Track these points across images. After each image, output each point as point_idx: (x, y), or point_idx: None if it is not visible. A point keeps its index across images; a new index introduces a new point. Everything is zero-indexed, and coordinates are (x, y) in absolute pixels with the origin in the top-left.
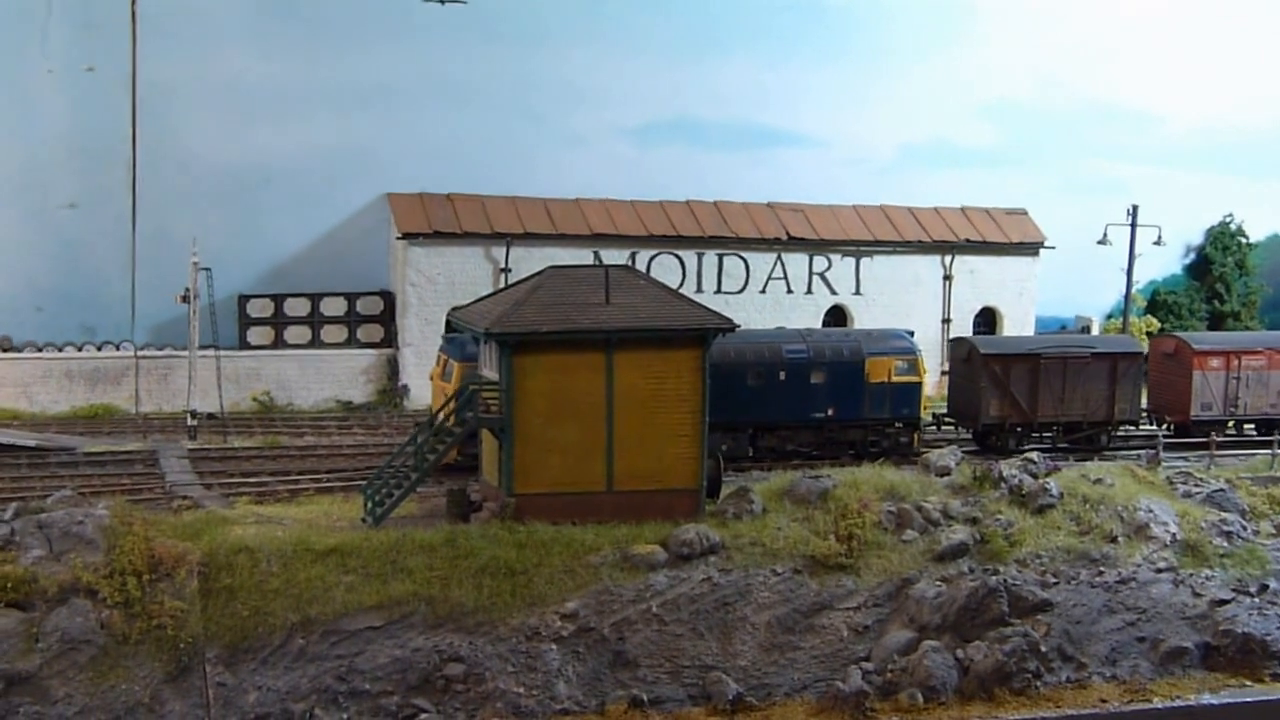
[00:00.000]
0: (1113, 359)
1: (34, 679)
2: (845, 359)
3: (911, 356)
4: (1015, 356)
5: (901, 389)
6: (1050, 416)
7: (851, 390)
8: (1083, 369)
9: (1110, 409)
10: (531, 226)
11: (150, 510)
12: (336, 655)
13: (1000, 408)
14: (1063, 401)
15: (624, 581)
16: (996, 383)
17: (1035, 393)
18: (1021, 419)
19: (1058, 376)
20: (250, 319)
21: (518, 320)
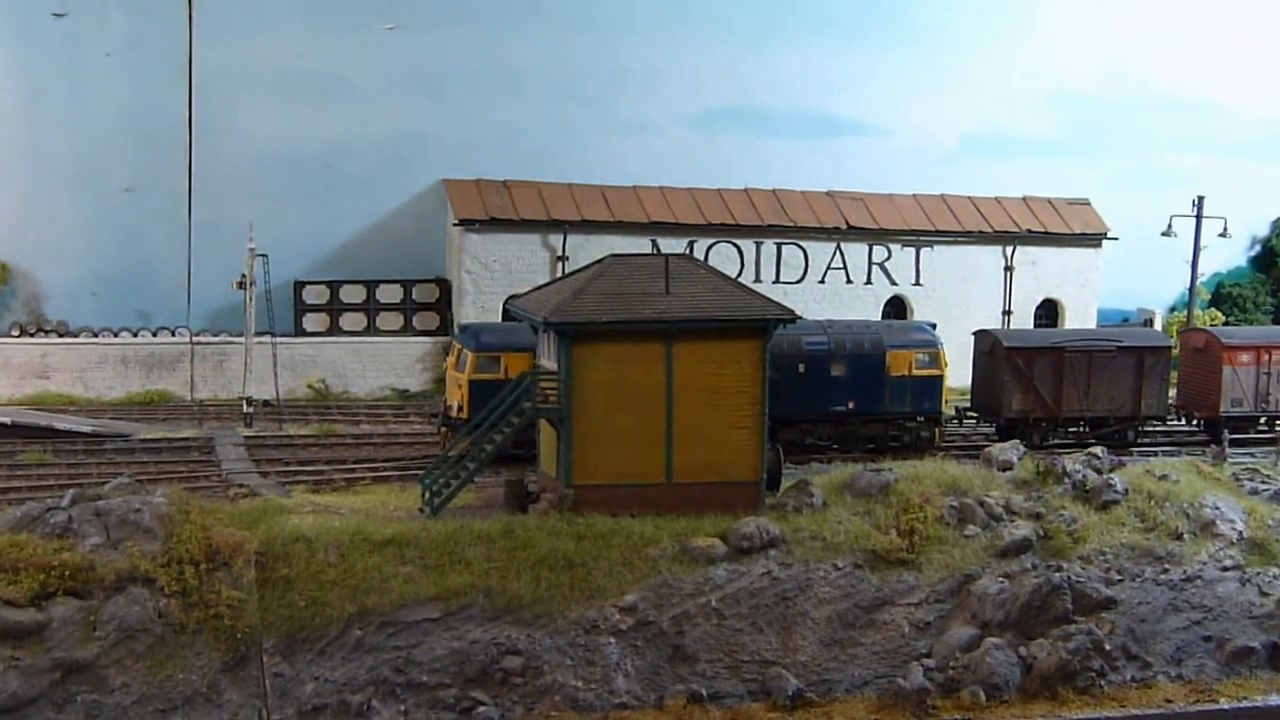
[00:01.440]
0: (1139, 353)
1: (92, 667)
2: (866, 351)
3: (933, 349)
4: (1039, 350)
5: (923, 382)
6: (1075, 411)
7: (872, 383)
8: (1108, 363)
9: (1137, 404)
10: (589, 214)
11: (207, 498)
12: (394, 647)
13: (1023, 402)
14: (1087, 396)
15: (683, 575)
16: (1020, 376)
17: (1059, 387)
18: (1045, 413)
19: (1082, 371)
20: (306, 305)
21: (577, 309)
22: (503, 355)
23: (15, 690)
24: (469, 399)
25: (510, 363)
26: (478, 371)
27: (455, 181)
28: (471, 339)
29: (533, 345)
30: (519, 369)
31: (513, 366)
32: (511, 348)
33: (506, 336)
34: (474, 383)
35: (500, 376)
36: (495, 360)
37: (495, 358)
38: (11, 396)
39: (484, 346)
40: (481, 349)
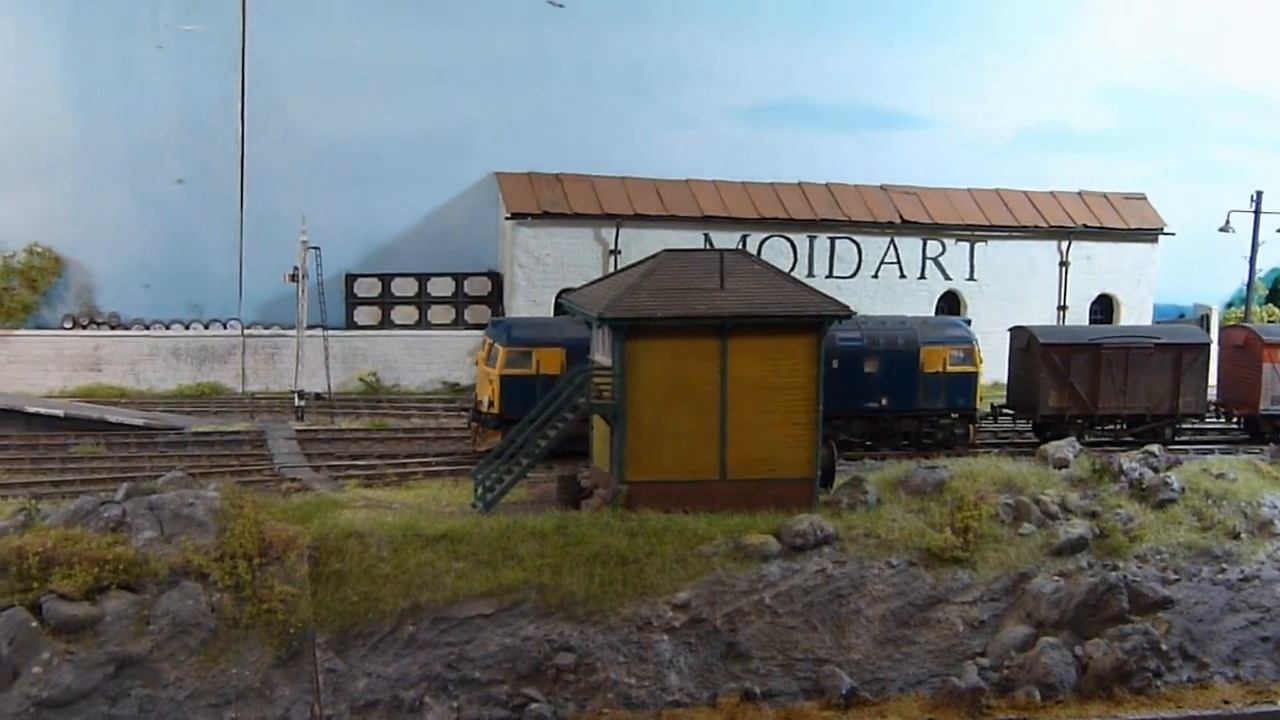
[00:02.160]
0: (1177, 350)
1: (145, 661)
2: (900, 348)
3: (968, 345)
4: (1075, 346)
5: (957, 379)
6: (1112, 409)
7: (906, 380)
8: (1146, 360)
9: (1174, 402)
10: (641, 208)
11: (259, 492)
12: (447, 643)
13: (1059, 399)
14: (1124, 393)
15: (736, 572)
16: (1056, 373)
17: (1096, 384)
18: (1081, 411)
19: (1119, 368)
20: (357, 298)
21: (631, 305)
22: (534, 350)
23: (69, 684)
24: (500, 394)
25: (542, 358)
26: (509, 366)
27: (507, 174)
28: (503, 333)
29: (564, 340)
30: (550, 364)
31: (544, 362)
32: (543, 342)
33: (538, 331)
34: (505, 378)
35: (531, 372)
36: (527, 355)
37: (526, 353)
38: (64, 389)
39: (515, 341)
40: (513, 343)
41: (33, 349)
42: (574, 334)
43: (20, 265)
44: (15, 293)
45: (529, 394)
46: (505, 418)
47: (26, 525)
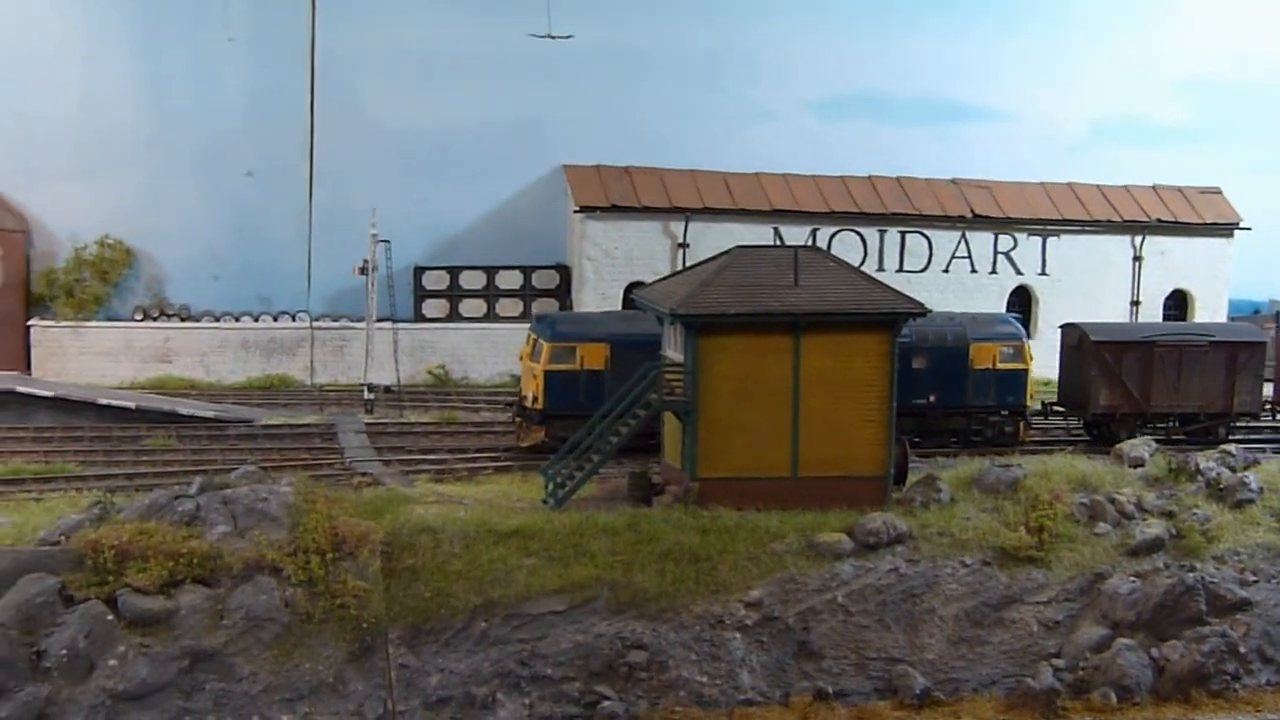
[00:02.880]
0: (1232, 348)
1: (219, 655)
2: (949, 344)
3: (1018, 342)
4: (1127, 344)
5: (1007, 376)
6: (1164, 407)
7: (955, 376)
8: (1200, 358)
9: (1229, 400)
10: (711, 201)
11: (331, 486)
12: (519, 639)
13: (1111, 397)
14: (1177, 391)
15: (809, 570)
16: (1107, 371)
17: (1148, 382)
18: (1133, 409)
19: (1172, 365)
20: (426, 291)
21: (704, 301)
22: (578, 346)
23: (145, 677)
24: (544, 389)
25: (586, 353)
26: (553, 362)
27: (576, 167)
28: (547, 329)
29: (608, 335)
30: (595, 359)
31: (588, 357)
32: (587, 338)
33: (582, 326)
34: (549, 373)
35: (576, 367)
36: (571, 351)
37: (571, 348)
38: (134, 380)
39: (559, 336)
40: (557, 339)
41: (104, 340)
42: (618, 329)
43: (92, 257)
44: (87, 284)
45: (573, 389)
46: (549, 413)
47: (102, 519)
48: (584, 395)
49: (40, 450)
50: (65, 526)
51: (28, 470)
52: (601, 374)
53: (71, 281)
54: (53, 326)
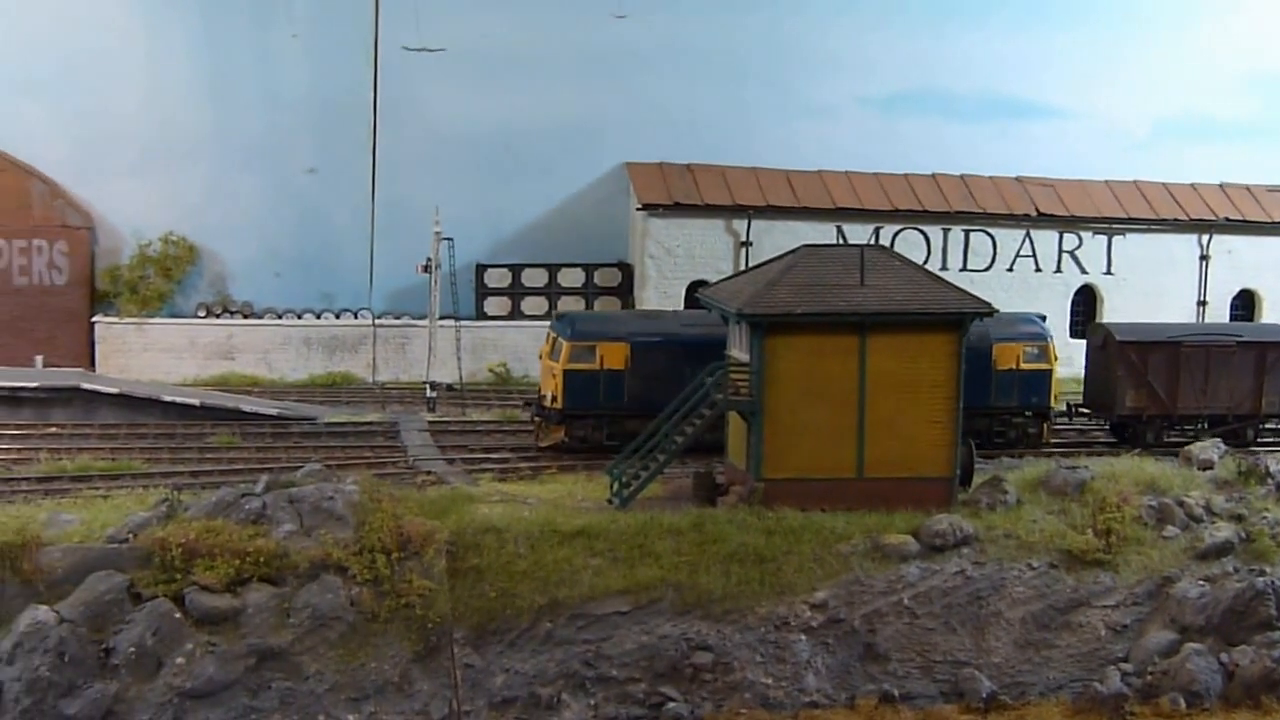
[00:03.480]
0: (1260, 349)
1: (286, 654)
2: (971, 344)
3: (1042, 342)
4: (1154, 344)
5: (1031, 376)
6: (1191, 408)
7: (976, 377)
8: (1227, 359)
9: (1257, 402)
10: (774, 199)
11: (395, 485)
12: (584, 640)
13: (1136, 398)
14: (1204, 393)
15: (874, 572)
16: (1133, 371)
17: (1175, 383)
18: (1159, 410)
19: (1199, 366)
20: (487, 289)
21: (770, 301)
22: (598, 345)
23: (212, 675)
24: (563, 389)
25: (605, 353)
26: (572, 361)
27: (638, 165)
28: (566, 327)
29: (628, 334)
30: (614, 359)
31: (608, 357)
32: (607, 337)
33: (602, 326)
34: (568, 372)
35: (595, 366)
36: (590, 350)
37: (591, 347)
38: (197, 377)
39: (579, 335)
40: (576, 338)
41: (167, 337)
42: (639, 328)
43: (156, 254)
44: (151, 281)
45: (592, 389)
46: (568, 412)
47: (169, 517)
48: (603, 395)
49: (106, 447)
50: (133, 524)
51: (95, 467)
52: (621, 374)
53: (136, 278)
54: (117, 323)
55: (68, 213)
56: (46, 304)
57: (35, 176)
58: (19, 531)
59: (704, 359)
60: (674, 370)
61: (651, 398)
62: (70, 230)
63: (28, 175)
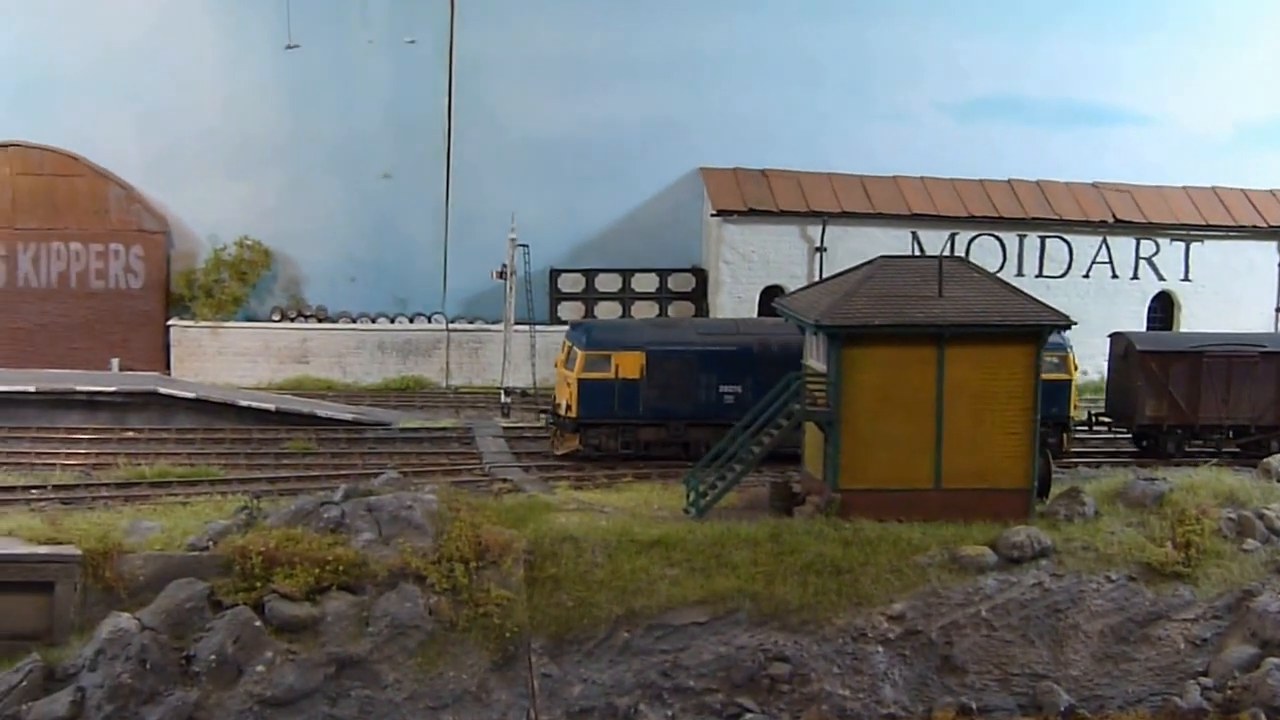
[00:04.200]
0: None
1: (364, 662)
2: None
3: (1061, 352)
4: (1175, 354)
5: (1049, 386)
6: (1213, 419)
7: None
8: (1250, 370)
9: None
10: (848, 205)
11: (472, 493)
12: (661, 650)
13: (1157, 408)
14: (1226, 403)
15: (952, 584)
16: (1154, 381)
17: (1196, 393)
18: (1180, 420)
19: (1221, 377)
20: (561, 294)
21: (848, 312)
22: (613, 354)
23: (292, 683)
24: (577, 398)
25: (620, 361)
26: (586, 370)
27: (712, 170)
28: (582, 336)
29: (644, 344)
30: (630, 368)
31: (623, 366)
32: (623, 346)
33: (617, 334)
34: (583, 381)
35: (610, 376)
36: (606, 359)
37: (605, 356)
38: (271, 381)
39: (594, 344)
40: (591, 347)
41: (242, 341)
42: (653, 337)
43: (231, 258)
44: (226, 285)
45: (608, 398)
46: (582, 421)
47: (249, 524)
48: (618, 405)
49: (184, 452)
50: (213, 532)
51: (173, 473)
52: (637, 383)
53: (210, 282)
54: (192, 327)
55: (144, 217)
56: (122, 307)
57: (112, 181)
58: (101, 539)
59: (720, 369)
60: (690, 380)
61: (667, 407)
62: (146, 234)
63: (105, 180)
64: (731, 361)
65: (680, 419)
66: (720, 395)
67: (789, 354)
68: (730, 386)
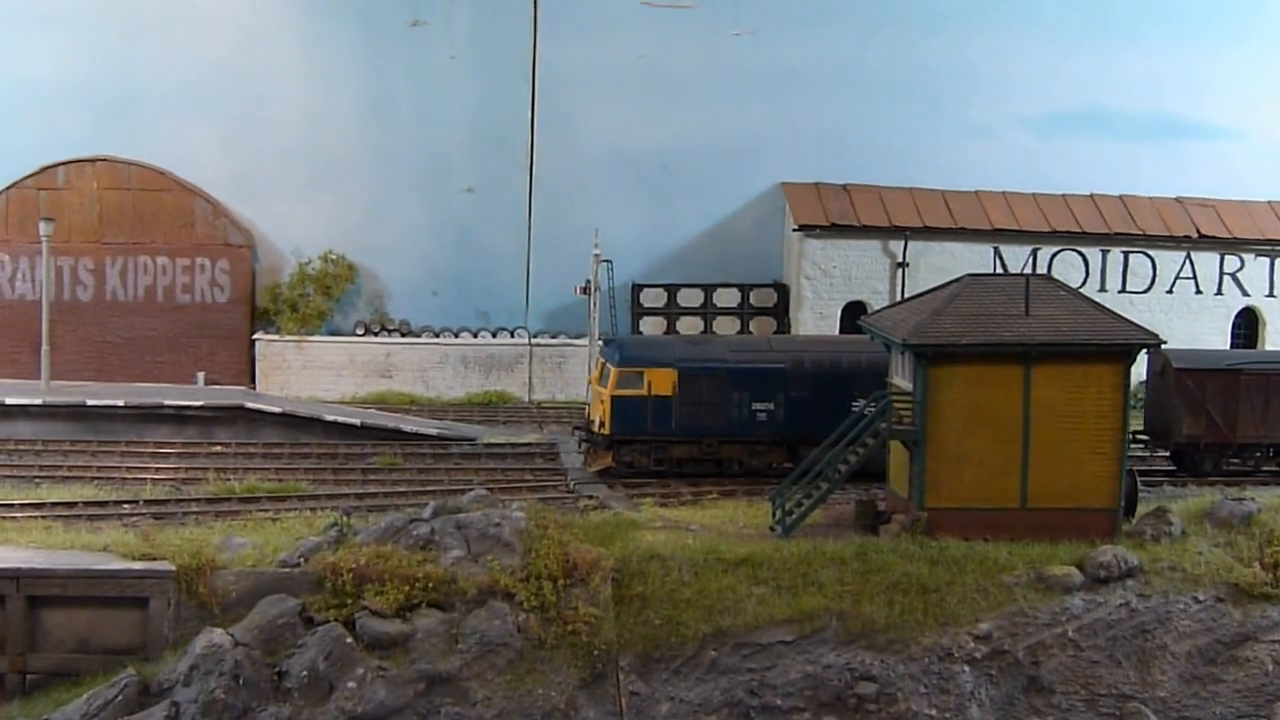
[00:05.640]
0: None
1: (455, 679)
2: None
3: None
4: (1211, 372)
5: None
6: (1252, 438)
7: None
8: None
9: None
10: (930, 220)
11: (558, 510)
12: (748, 669)
13: (1194, 426)
14: (1265, 422)
15: (1038, 603)
16: (1190, 399)
17: (1234, 412)
18: (1218, 439)
19: (1259, 395)
20: (643, 309)
21: (935, 331)
22: (646, 371)
23: (383, 700)
24: (610, 415)
25: (653, 378)
26: (620, 387)
27: (794, 185)
28: (615, 353)
29: (676, 360)
30: (662, 385)
31: (655, 382)
32: (655, 363)
33: (650, 351)
34: (616, 398)
35: (643, 392)
36: (639, 376)
37: (639, 373)
38: (355, 394)
39: (627, 361)
40: (624, 364)
41: (326, 355)
42: (686, 354)
43: (315, 272)
44: (311, 299)
45: (640, 415)
46: (616, 438)
47: (339, 541)
48: (651, 421)
49: (271, 467)
50: (304, 549)
51: (262, 488)
52: (669, 400)
53: (295, 296)
54: (276, 341)
55: (230, 231)
56: (208, 321)
57: (199, 196)
58: (194, 555)
59: (753, 386)
60: (722, 397)
61: (699, 424)
62: (232, 249)
63: (192, 195)
64: (764, 379)
65: (713, 436)
66: (753, 413)
67: (821, 372)
68: (763, 404)
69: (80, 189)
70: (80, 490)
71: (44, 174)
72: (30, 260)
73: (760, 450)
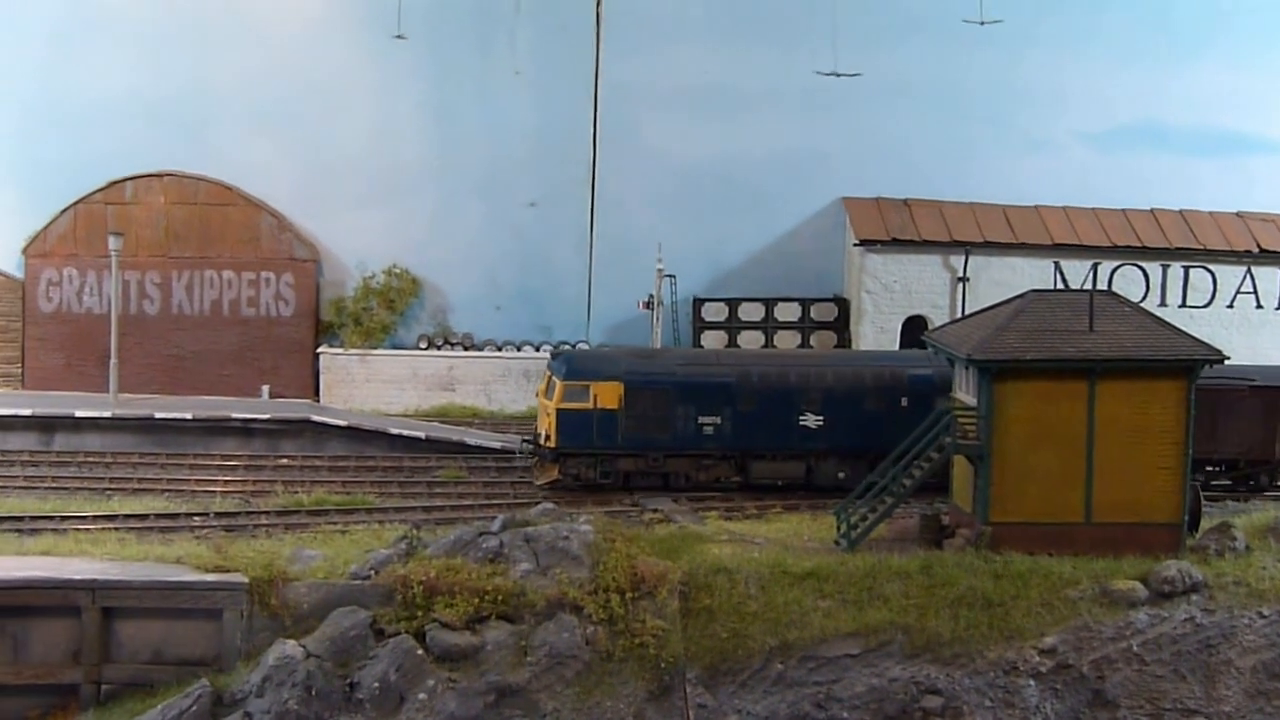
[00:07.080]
0: (1272, 394)
1: (524, 691)
2: None
3: None
4: None
5: None
6: (1202, 453)
7: None
8: (1237, 404)
9: (1271, 447)
10: (991, 235)
11: (624, 523)
12: (814, 682)
13: None
14: (1213, 438)
15: (1103, 618)
16: None
17: None
18: None
19: (1207, 411)
20: (705, 323)
21: (1000, 346)
22: (592, 384)
23: (453, 711)
24: (556, 427)
25: (599, 392)
26: (566, 400)
27: (855, 200)
28: (561, 366)
29: (623, 374)
30: (608, 399)
31: (601, 396)
32: (601, 376)
33: (596, 364)
34: (561, 411)
35: (589, 406)
36: (584, 390)
37: (584, 386)
38: (418, 408)
39: (573, 375)
40: (570, 377)
41: (390, 368)
42: (632, 368)
43: (379, 286)
44: (374, 313)
45: (586, 428)
46: (561, 451)
47: (409, 554)
48: (597, 435)
49: (338, 480)
50: (375, 561)
51: (330, 501)
52: (615, 413)
53: (359, 310)
54: (341, 354)
55: (295, 245)
56: (272, 334)
57: (264, 210)
58: (266, 567)
59: (699, 400)
60: (668, 411)
61: (646, 438)
62: (297, 263)
63: (257, 209)
64: (711, 393)
65: (658, 449)
66: (699, 426)
67: (768, 386)
68: (709, 418)
69: (148, 203)
70: (151, 502)
71: (112, 189)
72: (98, 274)
73: (708, 465)
